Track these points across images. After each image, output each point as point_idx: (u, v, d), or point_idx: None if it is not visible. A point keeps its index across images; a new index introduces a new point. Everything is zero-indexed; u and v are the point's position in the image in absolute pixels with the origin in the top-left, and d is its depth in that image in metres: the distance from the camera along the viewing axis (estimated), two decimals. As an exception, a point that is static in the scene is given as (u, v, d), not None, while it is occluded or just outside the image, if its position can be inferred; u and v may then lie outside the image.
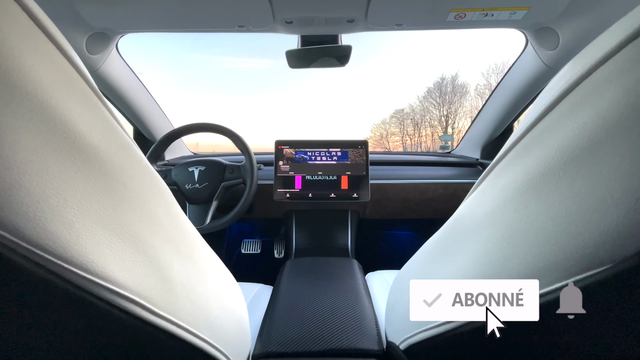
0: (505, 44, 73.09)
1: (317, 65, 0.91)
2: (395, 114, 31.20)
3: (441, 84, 27.92)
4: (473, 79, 30.87)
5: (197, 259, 0.29)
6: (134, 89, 1.05)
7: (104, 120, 0.21)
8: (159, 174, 0.98)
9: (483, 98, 21.93)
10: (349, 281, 0.77)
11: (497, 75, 25.16)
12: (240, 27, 0.80)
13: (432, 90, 28.44)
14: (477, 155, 1.31)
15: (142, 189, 0.23)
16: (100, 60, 0.88)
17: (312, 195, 1.07)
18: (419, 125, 29.36)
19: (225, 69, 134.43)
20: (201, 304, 0.27)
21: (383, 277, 0.89)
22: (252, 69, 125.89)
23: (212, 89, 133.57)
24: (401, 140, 30.13)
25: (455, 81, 27.66)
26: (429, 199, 1.18)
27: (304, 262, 0.89)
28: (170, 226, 0.25)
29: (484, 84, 26.13)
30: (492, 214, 0.25)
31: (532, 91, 0.96)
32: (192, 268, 0.27)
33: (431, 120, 28.51)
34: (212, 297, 0.30)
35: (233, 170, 0.94)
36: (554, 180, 0.20)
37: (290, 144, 1.11)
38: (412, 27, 0.79)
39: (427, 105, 28.65)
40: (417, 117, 29.58)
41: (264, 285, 0.87)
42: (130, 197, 0.21)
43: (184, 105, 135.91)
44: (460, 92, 27.45)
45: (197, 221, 0.88)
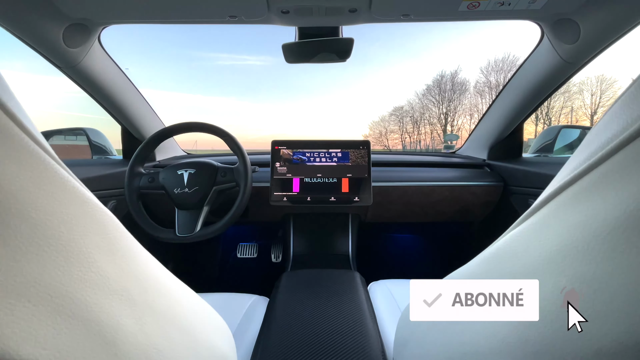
0: (505, 41, 72.74)
1: (316, 60, 0.84)
2: (395, 112, 31.16)
3: (440, 82, 27.86)
4: (472, 76, 30.76)
5: (160, 306, 0.22)
6: (120, 85, 0.98)
7: (19, 151, 0.14)
8: (146, 177, 0.94)
9: (482, 96, 21.77)
10: (351, 299, 0.71)
11: (496, 72, 25.13)
12: (232, 18, 0.73)
13: (431, 87, 28.42)
14: (483, 156, 1.25)
15: (68, 227, 0.16)
16: (80, 54, 0.81)
17: (311, 198, 1.01)
18: (418, 123, 29.33)
19: (221, 65, 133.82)
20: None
21: (387, 288, 0.84)
22: (250, 66, 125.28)
23: (208, 86, 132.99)
24: (400, 137, 30.08)
25: (454, 79, 27.61)
26: (433, 202, 1.12)
27: (302, 276, 0.83)
28: (116, 271, 0.18)
29: (484, 82, 26.04)
30: (562, 257, 0.18)
31: (547, 88, 0.90)
32: (153, 320, 0.21)
33: (430, 117, 28.48)
34: (184, 354, 0.24)
35: (225, 173, 0.87)
36: None
37: (288, 145, 1.05)
38: (420, 17, 0.72)
39: (426, 102, 28.63)
40: (416, 115, 29.53)
41: (259, 297, 0.81)
42: (46, 241, 0.15)
43: (179, 103, 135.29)
44: (460, 90, 27.40)
45: (186, 228, 0.82)
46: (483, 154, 1.26)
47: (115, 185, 1.00)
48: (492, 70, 25.95)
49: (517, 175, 1.06)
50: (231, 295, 0.80)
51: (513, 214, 1.09)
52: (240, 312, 0.73)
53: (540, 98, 0.94)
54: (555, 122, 30.16)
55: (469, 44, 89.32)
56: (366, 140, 1.05)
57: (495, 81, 25.61)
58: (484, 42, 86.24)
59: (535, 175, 0.97)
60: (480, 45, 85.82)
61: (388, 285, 0.85)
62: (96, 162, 1.05)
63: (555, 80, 0.86)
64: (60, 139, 1.44)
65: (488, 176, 1.13)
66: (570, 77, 0.84)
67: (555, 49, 0.79)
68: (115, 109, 1.01)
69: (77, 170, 0.95)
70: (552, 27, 0.76)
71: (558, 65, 0.81)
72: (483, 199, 1.12)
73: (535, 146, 1.20)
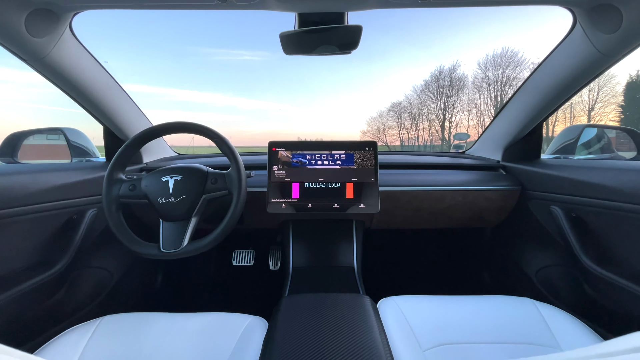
0: (506, 36, 72.40)
1: (318, 52, 0.74)
2: (393, 108, 31.00)
3: (439, 77, 27.69)
4: (470, 71, 30.57)
5: None
6: (98, 80, 0.88)
7: None
8: (127, 184, 0.81)
9: (480, 91, 21.69)
10: (361, 333, 0.62)
11: (494, 68, 24.99)
12: (221, 2, 0.63)
13: (429, 83, 28.22)
14: (497, 157, 1.16)
15: None
16: (48, 45, 0.71)
17: (312, 206, 0.92)
18: (416, 119, 29.21)
19: (217, 60, 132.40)
20: None
21: (397, 307, 0.75)
22: (246, 61, 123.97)
23: (204, 82, 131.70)
24: (398, 134, 30.00)
25: (452, 74, 27.44)
26: (445, 208, 1.04)
27: (304, 302, 0.73)
28: None
29: (482, 77, 25.92)
30: None
31: (577, 83, 0.80)
32: None
33: (428, 113, 28.35)
34: None
35: (216, 179, 0.77)
36: None
37: (286, 146, 0.95)
38: (441, 1, 0.62)
39: (424, 98, 28.47)
40: (414, 111, 29.42)
41: (255, 319, 0.72)
42: None
43: (174, 100, 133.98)
44: (458, 86, 27.25)
45: (171, 243, 0.72)
46: (497, 155, 1.17)
47: (97, 191, 0.90)
48: (491, 65, 25.77)
49: (536, 179, 0.97)
50: (225, 315, 0.72)
51: (530, 221, 1.01)
52: (235, 336, 0.66)
53: (567, 94, 0.85)
54: (552, 119, 30.02)
55: (469, 38, 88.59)
56: (372, 141, 0.96)
57: (493, 77, 25.46)
58: (485, 37, 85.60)
59: (558, 180, 0.88)
60: (480, 40, 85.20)
61: (398, 303, 0.76)
62: (75, 166, 0.94)
63: (587, 75, 0.77)
64: (41, 138, 1.33)
65: (504, 179, 1.04)
66: (604, 71, 0.75)
67: (589, 39, 0.70)
68: (94, 106, 0.90)
69: (52, 175, 0.85)
70: (587, 14, 0.67)
71: (592, 57, 0.72)
72: (498, 204, 1.03)
73: (553, 147, 1.11)
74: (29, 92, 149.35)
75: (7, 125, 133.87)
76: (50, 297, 0.84)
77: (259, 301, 1.35)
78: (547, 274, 0.98)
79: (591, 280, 0.81)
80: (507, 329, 0.69)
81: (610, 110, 23.57)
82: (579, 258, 0.81)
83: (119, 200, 0.75)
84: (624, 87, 24.21)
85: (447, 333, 0.67)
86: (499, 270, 1.23)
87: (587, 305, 0.84)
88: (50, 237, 0.82)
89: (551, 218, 0.91)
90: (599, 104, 23.75)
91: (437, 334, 0.67)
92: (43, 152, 1.15)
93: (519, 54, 25.18)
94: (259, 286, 1.46)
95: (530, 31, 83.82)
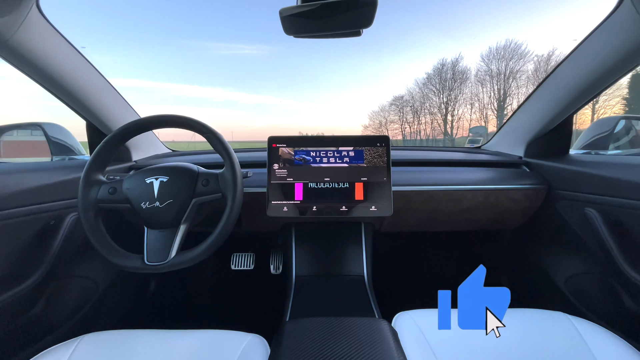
0: (506, 30, 71.35)
1: (324, 32, 0.64)
2: (395, 101, 30.73)
3: (441, 70, 27.34)
4: (473, 63, 30.13)
5: None
6: (75, 68, 0.78)
7: None
8: (106, 186, 0.63)
9: (484, 85, 21.41)
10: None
11: (497, 60, 24.62)
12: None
13: (431, 76, 27.88)
14: (519, 153, 1.06)
15: None
16: (11, 26, 0.61)
17: (317, 208, 0.82)
18: (418, 113, 28.94)
19: (218, 54, 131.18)
20: None
21: (415, 324, 0.66)
22: (246, 55, 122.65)
23: (205, 76, 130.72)
24: (400, 128, 29.79)
25: (455, 67, 27.07)
26: (463, 209, 0.94)
27: (310, 328, 0.64)
28: None
29: (485, 70, 25.55)
30: None
31: (622, 67, 0.70)
32: None
33: (431, 107, 28.08)
34: None
35: (208, 180, 0.68)
36: None
37: (288, 142, 0.85)
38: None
39: (426, 92, 28.16)
40: (416, 105, 29.15)
41: (254, 337, 0.63)
42: None
43: (176, 94, 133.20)
44: (461, 79, 26.91)
45: (157, 254, 0.63)
46: (519, 151, 1.06)
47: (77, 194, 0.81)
48: (494, 58, 25.37)
49: (566, 177, 0.87)
50: (221, 333, 0.64)
51: (557, 223, 0.91)
52: (231, 357, 0.58)
53: (607, 82, 0.74)
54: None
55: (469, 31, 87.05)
56: (384, 135, 0.86)
57: (496, 69, 25.07)
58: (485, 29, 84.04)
59: (593, 178, 0.78)
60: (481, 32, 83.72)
61: (415, 319, 0.68)
62: (53, 165, 0.85)
63: (636, 58, 0.66)
64: (24, 134, 1.24)
65: (528, 177, 0.94)
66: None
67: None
68: (72, 97, 0.81)
69: (25, 177, 0.76)
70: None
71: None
72: (523, 204, 0.94)
73: (582, 141, 1.01)
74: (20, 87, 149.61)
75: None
76: (24, 313, 0.75)
77: (260, 313, 1.27)
78: (578, 283, 0.88)
79: (635, 292, 0.71)
80: (540, 349, 0.60)
81: (614, 103, 23.23)
82: (620, 267, 0.72)
83: (98, 205, 0.66)
84: (629, 79, 23.84)
85: (472, 354, 0.58)
86: (521, 277, 1.13)
87: (629, 320, 0.74)
88: (23, 246, 0.72)
89: (584, 221, 0.81)
90: (603, 96, 23.43)
91: (461, 354, 0.58)
92: (22, 150, 1.06)
93: (522, 46, 24.79)
94: (259, 295, 1.37)
95: (547, 22, 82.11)
